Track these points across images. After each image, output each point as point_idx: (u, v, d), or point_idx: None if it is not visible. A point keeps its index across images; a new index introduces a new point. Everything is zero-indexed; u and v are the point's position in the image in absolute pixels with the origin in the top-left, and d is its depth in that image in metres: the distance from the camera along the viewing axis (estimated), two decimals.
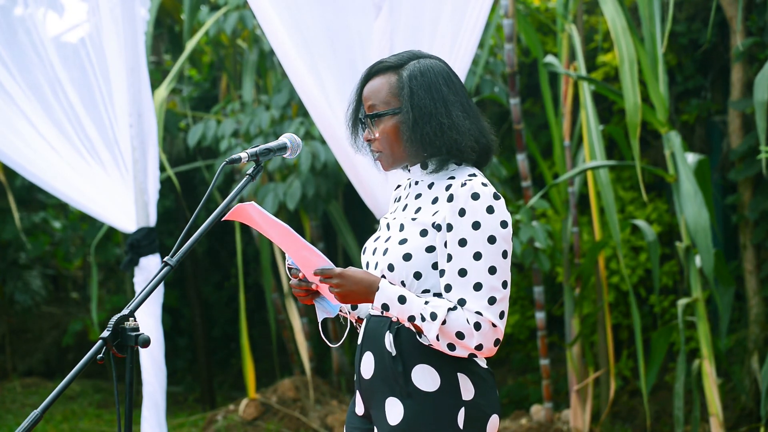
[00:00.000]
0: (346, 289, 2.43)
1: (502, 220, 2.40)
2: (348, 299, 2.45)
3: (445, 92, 2.47)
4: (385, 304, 2.41)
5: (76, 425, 7.16)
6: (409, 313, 2.39)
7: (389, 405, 2.47)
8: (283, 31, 4.26)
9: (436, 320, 2.36)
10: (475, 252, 2.37)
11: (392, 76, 2.51)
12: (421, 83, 2.47)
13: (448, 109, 2.46)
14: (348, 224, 6.88)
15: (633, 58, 5.11)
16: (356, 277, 2.43)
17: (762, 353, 5.66)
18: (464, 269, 2.38)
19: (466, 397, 2.43)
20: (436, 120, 2.45)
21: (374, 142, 2.54)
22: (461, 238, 2.38)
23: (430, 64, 2.51)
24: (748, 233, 5.91)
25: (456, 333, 2.36)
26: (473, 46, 4.23)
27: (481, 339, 2.36)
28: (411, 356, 2.45)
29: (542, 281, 5.86)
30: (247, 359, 6.47)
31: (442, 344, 2.38)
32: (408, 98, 2.46)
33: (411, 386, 2.44)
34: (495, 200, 2.40)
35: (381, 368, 2.49)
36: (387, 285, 2.42)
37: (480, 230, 2.38)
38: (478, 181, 2.42)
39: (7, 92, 4.98)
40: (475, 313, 2.36)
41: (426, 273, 2.45)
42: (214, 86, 8.27)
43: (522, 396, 6.86)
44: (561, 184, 5.86)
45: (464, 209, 2.39)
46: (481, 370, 2.46)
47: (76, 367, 2.20)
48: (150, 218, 4.86)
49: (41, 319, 9.04)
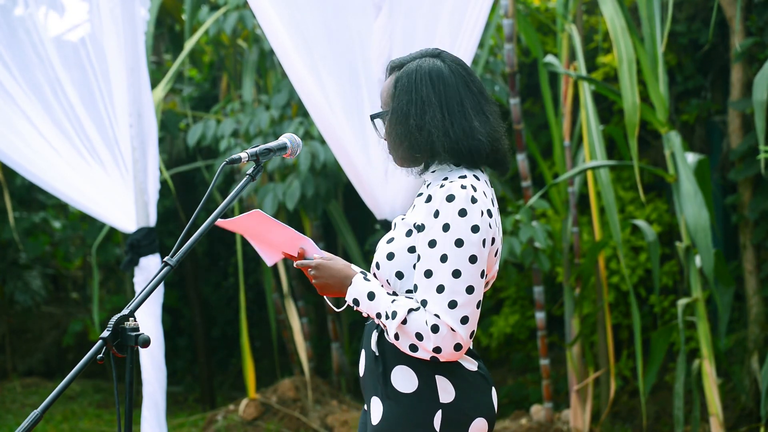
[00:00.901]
0: (321, 281, 2.49)
1: (474, 224, 2.36)
2: (324, 291, 2.49)
3: (424, 93, 2.45)
4: (356, 299, 2.44)
5: (76, 425, 7.16)
6: (377, 309, 2.41)
7: (373, 404, 2.49)
8: (283, 31, 4.26)
9: (396, 319, 2.36)
10: (442, 254, 2.35)
11: (392, 78, 2.53)
12: (403, 84, 2.48)
13: (423, 110, 2.44)
14: (348, 224, 6.88)
15: (632, 58, 5.11)
16: (334, 269, 2.47)
17: (762, 353, 5.66)
18: (430, 270, 2.37)
19: (445, 400, 2.42)
20: (406, 121, 2.45)
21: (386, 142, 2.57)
22: (431, 239, 2.37)
23: (421, 64, 2.49)
24: (748, 233, 5.91)
25: (415, 333, 2.36)
26: (473, 46, 4.23)
27: (438, 342, 2.34)
28: (392, 357, 2.46)
29: (542, 281, 5.86)
30: (247, 359, 6.48)
31: (403, 344, 2.38)
32: (393, 100, 2.49)
33: (390, 387, 2.45)
34: (471, 204, 2.37)
35: (368, 367, 2.52)
36: (360, 280, 2.44)
37: (449, 233, 2.36)
38: (460, 183, 2.39)
39: (8, 92, 4.98)
40: (434, 315, 2.35)
41: (408, 273, 2.45)
42: (214, 86, 8.27)
43: (522, 396, 6.86)
44: (561, 184, 5.86)
45: (438, 210, 2.38)
46: (467, 372, 2.45)
47: (76, 367, 2.20)
48: (150, 218, 4.86)
49: (41, 319, 9.04)
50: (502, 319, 7.05)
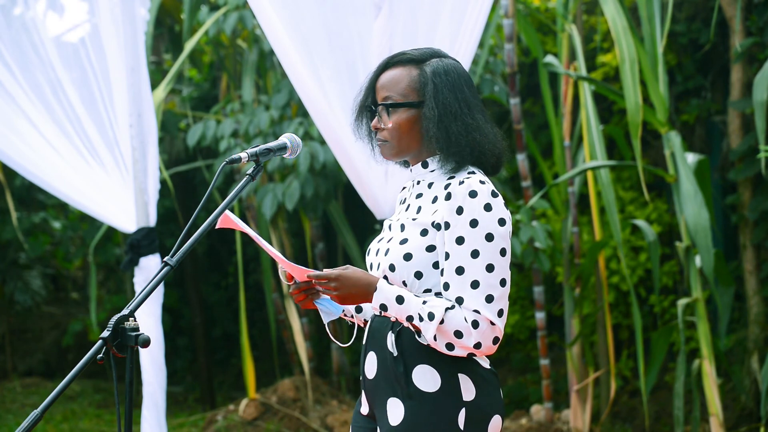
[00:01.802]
0: (344, 292, 2.43)
1: (500, 217, 2.39)
2: (347, 301, 2.44)
3: (467, 94, 2.48)
4: (383, 305, 2.41)
5: (76, 425, 7.16)
6: (407, 313, 2.39)
7: (391, 405, 2.47)
8: (283, 31, 4.26)
9: (434, 320, 2.35)
10: (472, 250, 2.37)
11: (413, 70, 2.51)
12: (445, 82, 2.47)
13: (471, 111, 2.47)
14: (348, 224, 6.88)
15: (634, 58, 5.11)
16: (354, 277, 2.42)
17: (762, 353, 5.66)
18: (462, 267, 2.37)
19: (467, 398, 2.43)
20: (462, 120, 2.45)
21: (382, 131, 2.53)
22: (459, 236, 2.38)
23: (453, 65, 2.51)
24: (748, 233, 5.91)
25: (454, 332, 2.36)
26: (473, 46, 4.23)
27: (479, 337, 2.35)
28: (412, 357, 2.44)
29: (542, 281, 5.86)
30: (247, 359, 6.48)
31: (440, 344, 2.38)
32: (432, 94, 2.46)
33: (412, 387, 2.44)
34: (493, 198, 2.40)
35: (383, 368, 2.49)
36: (385, 285, 2.42)
37: (477, 228, 2.37)
38: (476, 178, 2.42)
39: (8, 92, 4.98)
40: (473, 312, 2.35)
41: (427, 272, 2.44)
42: (214, 86, 8.27)
43: (522, 396, 6.86)
44: (561, 184, 5.86)
45: (462, 207, 2.38)
46: (483, 370, 2.46)
47: (76, 367, 2.20)
48: (150, 218, 4.86)
49: (41, 319, 9.04)
50: None
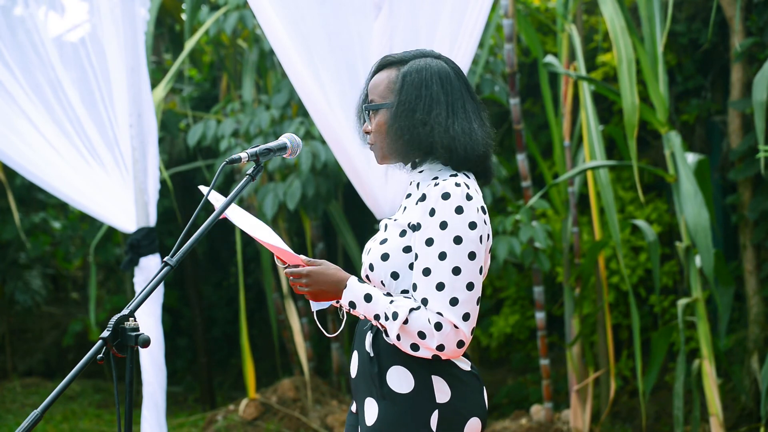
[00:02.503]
0: (314, 288, 2.45)
1: (471, 221, 2.38)
2: (319, 298, 2.47)
3: (434, 90, 2.47)
4: (352, 302, 2.43)
5: (76, 425, 7.16)
6: (375, 311, 2.40)
7: (367, 405, 2.49)
8: (283, 31, 4.26)
9: (398, 319, 2.36)
10: (440, 252, 2.36)
11: (393, 71, 2.53)
12: (413, 80, 2.48)
13: (430, 107, 2.46)
14: (348, 224, 6.88)
15: (631, 58, 5.11)
16: (325, 274, 2.44)
17: (762, 353, 5.67)
18: (428, 268, 2.37)
19: (441, 400, 2.42)
20: (412, 115, 2.46)
21: (370, 134, 2.56)
22: (428, 237, 2.38)
23: (429, 63, 2.51)
24: (748, 233, 5.91)
25: (417, 332, 2.36)
26: (473, 46, 4.23)
27: (441, 339, 2.35)
28: (387, 357, 2.46)
29: (542, 281, 5.86)
30: (247, 359, 6.47)
31: (404, 344, 2.38)
32: (397, 93, 2.48)
33: (386, 387, 2.45)
34: (466, 201, 2.39)
35: (362, 368, 2.52)
36: (355, 283, 2.43)
37: (447, 230, 2.37)
38: (453, 181, 2.41)
39: (8, 92, 4.98)
40: (436, 314, 2.36)
41: (403, 273, 2.45)
42: (214, 86, 8.28)
43: (522, 396, 6.86)
44: (561, 184, 5.86)
45: (434, 209, 2.39)
46: (461, 372, 2.46)
47: (76, 367, 2.20)
48: (150, 218, 4.86)
49: (41, 319, 9.04)
50: (502, 319, 7.05)
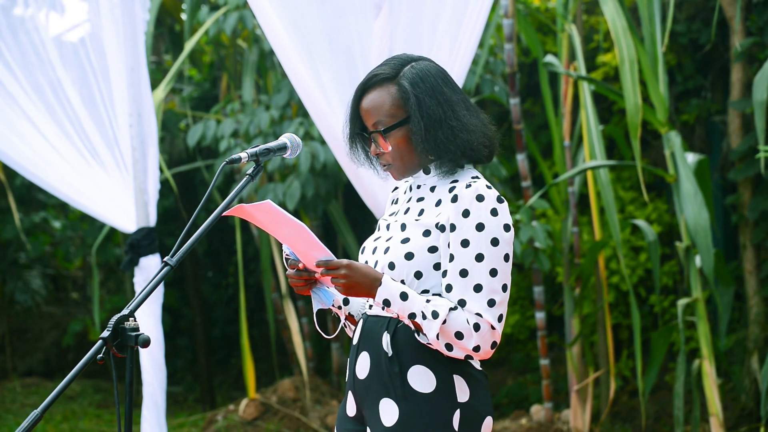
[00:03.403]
0: (352, 281, 2.40)
1: (506, 223, 2.41)
2: (352, 291, 2.42)
3: (447, 94, 2.46)
4: (387, 300, 2.40)
5: (76, 425, 7.16)
6: (411, 310, 2.39)
7: (383, 406, 2.46)
8: (282, 31, 4.26)
9: (437, 319, 2.36)
10: (477, 253, 2.38)
11: (391, 87, 2.48)
12: (424, 89, 2.45)
13: (455, 111, 2.45)
14: (348, 224, 6.88)
15: (633, 58, 5.11)
16: (362, 269, 2.41)
17: (762, 353, 5.66)
18: (465, 270, 2.38)
19: (462, 399, 2.43)
20: (447, 124, 2.44)
21: (383, 155, 2.52)
22: (464, 238, 2.39)
23: (426, 67, 2.49)
24: (748, 233, 5.91)
25: (455, 333, 2.36)
26: (473, 46, 4.23)
27: (479, 340, 2.36)
28: (407, 357, 2.45)
29: (542, 281, 5.86)
30: (247, 359, 6.47)
31: (441, 344, 2.38)
32: (416, 107, 2.44)
33: (407, 387, 2.44)
34: (499, 203, 2.41)
35: (377, 369, 2.49)
36: (389, 281, 2.41)
37: (483, 232, 2.38)
38: (483, 183, 2.44)
39: (8, 92, 4.98)
40: (475, 315, 2.36)
41: (427, 273, 2.45)
42: (214, 86, 8.27)
43: (522, 396, 6.86)
44: (561, 184, 5.86)
45: (468, 210, 2.39)
46: (476, 371, 2.47)
47: (76, 367, 2.19)
48: (150, 218, 4.86)
49: (41, 319, 9.04)
50: None
